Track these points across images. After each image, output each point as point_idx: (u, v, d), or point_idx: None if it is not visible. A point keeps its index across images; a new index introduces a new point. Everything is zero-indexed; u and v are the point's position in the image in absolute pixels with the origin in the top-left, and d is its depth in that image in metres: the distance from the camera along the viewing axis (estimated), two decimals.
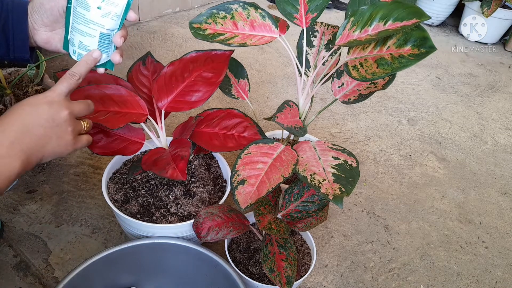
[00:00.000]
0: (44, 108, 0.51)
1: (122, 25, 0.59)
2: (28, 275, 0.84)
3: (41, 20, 0.58)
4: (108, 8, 0.56)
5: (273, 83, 1.60)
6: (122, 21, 0.58)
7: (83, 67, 0.57)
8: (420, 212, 1.13)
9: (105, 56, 0.61)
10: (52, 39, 0.60)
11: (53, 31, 0.60)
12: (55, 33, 0.60)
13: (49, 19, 0.58)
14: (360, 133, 1.41)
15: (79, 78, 0.56)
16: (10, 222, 0.93)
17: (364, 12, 0.64)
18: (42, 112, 0.51)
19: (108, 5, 0.55)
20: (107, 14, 0.56)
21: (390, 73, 0.59)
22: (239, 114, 0.82)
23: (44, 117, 0.51)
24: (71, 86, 0.55)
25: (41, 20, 0.57)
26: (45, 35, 0.59)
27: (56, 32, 0.60)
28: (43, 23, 0.58)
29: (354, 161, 0.68)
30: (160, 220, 0.79)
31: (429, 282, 0.95)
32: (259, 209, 0.71)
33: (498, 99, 1.74)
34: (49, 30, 0.59)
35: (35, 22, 0.58)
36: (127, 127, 0.80)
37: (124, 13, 0.57)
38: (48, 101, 0.52)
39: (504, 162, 1.37)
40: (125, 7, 0.57)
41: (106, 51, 0.60)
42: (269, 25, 0.73)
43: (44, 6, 0.56)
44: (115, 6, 0.56)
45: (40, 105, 0.51)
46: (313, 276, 0.92)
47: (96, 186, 1.05)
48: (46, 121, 0.51)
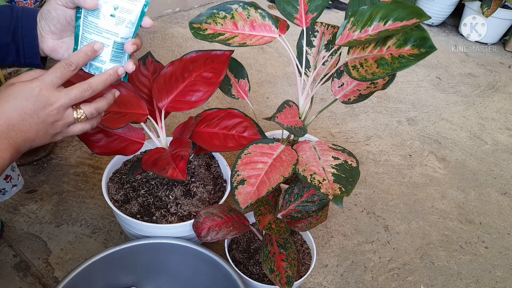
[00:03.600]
0: (29, 103, 0.49)
1: (137, 33, 0.56)
2: (28, 275, 0.84)
3: (48, 28, 0.56)
4: (122, 16, 0.53)
5: (273, 83, 1.60)
6: (136, 28, 0.55)
7: (82, 58, 0.53)
8: (420, 212, 1.13)
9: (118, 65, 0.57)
10: (59, 47, 0.58)
11: (61, 39, 0.58)
12: (62, 42, 0.58)
13: (56, 27, 0.56)
14: (360, 133, 1.41)
15: (75, 68, 0.52)
16: (10, 222, 0.93)
17: (364, 12, 0.64)
18: (26, 107, 0.49)
19: (122, 12, 0.53)
20: (121, 22, 0.53)
21: (390, 73, 0.59)
22: (239, 114, 0.82)
23: (28, 112, 0.49)
24: (64, 76, 0.51)
25: (48, 27, 0.56)
26: (52, 43, 0.58)
27: (64, 41, 0.58)
28: (50, 31, 0.56)
29: (354, 161, 0.68)
30: (160, 220, 0.79)
31: (429, 282, 0.95)
32: (259, 209, 0.71)
33: (498, 99, 1.74)
34: (57, 38, 0.58)
35: (43, 29, 0.56)
36: (127, 127, 0.81)
37: (139, 20, 0.55)
38: (34, 95, 0.49)
39: (504, 162, 1.37)
40: (140, 13, 0.54)
41: (119, 61, 0.57)
42: (269, 25, 0.73)
43: (51, 14, 0.55)
44: (130, 13, 0.53)
45: (26, 99, 0.49)
46: (313, 276, 0.92)
47: (96, 186, 1.05)
48: (31, 117, 0.49)
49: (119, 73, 0.56)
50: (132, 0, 0.53)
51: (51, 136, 0.53)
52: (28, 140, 0.51)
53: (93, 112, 0.55)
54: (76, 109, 0.53)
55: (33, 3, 1.34)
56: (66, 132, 0.55)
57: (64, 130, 0.54)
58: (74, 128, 0.55)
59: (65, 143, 1.16)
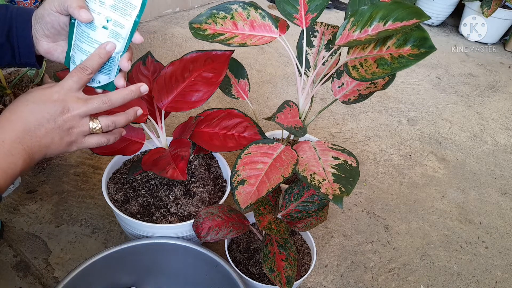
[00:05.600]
0: (47, 108, 0.49)
1: (128, 47, 0.56)
2: (28, 275, 0.84)
3: (43, 31, 0.56)
4: (114, 29, 0.53)
5: (273, 83, 1.60)
6: (127, 43, 0.55)
7: (96, 61, 0.53)
8: (420, 212, 1.13)
9: (107, 78, 0.58)
10: (54, 50, 0.58)
11: (55, 42, 0.58)
12: (56, 45, 0.58)
13: (50, 32, 0.56)
14: (360, 133, 1.41)
15: (91, 72, 0.53)
16: (10, 222, 0.93)
17: (364, 12, 0.64)
18: (44, 111, 0.49)
19: (114, 26, 0.53)
20: (113, 35, 0.54)
21: (389, 73, 0.59)
22: (239, 114, 0.82)
23: (46, 117, 0.49)
24: (82, 80, 0.52)
25: (42, 31, 0.56)
26: (47, 45, 0.58)
27: (58, 44, 0.58)
28: (45, 34, 0.56)
29: (354, 161, 0.68)
30: (160, 220, 0.79)
31: (429, 282, 0.95)
32: (259, 209, 0.71)
33: (498, 99, 1.74)
34: (51, 42, 0.58)
35: (37, 32, 0.56)
36: (127, 127, 0.80)
37: (130, 35, 0.55)
38: (53, 100, 0.50)
39: (504, 162, 1.37)
40: (131, 28, 0.54)
41: (108, 73, 0.57)
42: (269, 25, 0.73)
43: (45, 19, 0.55)
44: (122, 27, 0.54)
45: (44, 103, 0.49)
46: (313, 276, 0.92)
47: (96, 186, 1.05)
48: (48, 122, 0.50)
49: (142, 91, 0.56)
50: (124, 15, 0.53)
51: (66, 144, 0.53)
52: (43, 146, 0.50)
53: (110, 124, 0.55)
54: (93, 119, 0.54)
55: (33, 3, 1.34)
56: (82, 143, 0.54)
57: (79, 139, 0.54)
58: (90, 139, 0.55)
59: None
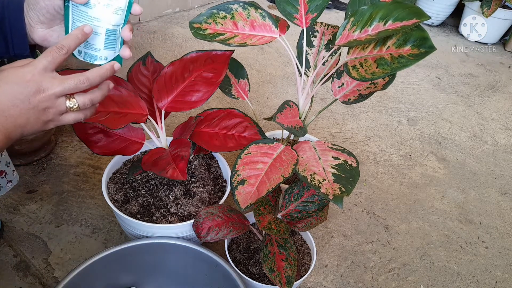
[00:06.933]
0: (20, 88, 0.48)
1: (127, 20, 0.58)
2: (28, 275, 0.84)
3: (37, 18, 0.56)
4: (111, 3, 0.54)
5: (273, 83, 1.60)
6: (127, 15, 0.57)
7: (73, 41, 0.52)
8: (420, 212, 1.13)
9: (112, 52, 0.59)
10: (50, 36, 0.58)
11: (51, 28, 0.58)
12: (52, 31, 0.58)
13: (45, 17, 0.56)
14: (360, 133, 1.41)
15: (66, 52, 0.51)
16: (10, 222, 0.93)
17: (364, 12, 0.64)
18: (17, 91, 0.48)
19: None
20: (111, 9, 0.55)
21: (389, 73, 0.59)
22: (239, 114, 0.82)
23: (19, 97, 0.48)
24: (56, 60, 0.50)
25: (37, 17, 0.56)
26: (42, 32, 0.57)
27: (54, 30, 0.58)
28: (40, 21, 0.56)
29: (354, 161, 0.68)
30: (160, 220, 0.79)
31: (429, 282, 0.95)
32: (259, 209, 0.71)
33: (498, 99, 1.74)
34: (46, 28, 0.58)
35: (31, 19, 0.56)
36: (127, 127, 0.81)
37: (128, 6, 0.56)
38: (26, 80, 0.48)
39: (504, 162, 1.37)
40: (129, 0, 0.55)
41: (113, 48, 0.59)
42: (269, 25, 0.73)
43: (39, 4, 0.55)
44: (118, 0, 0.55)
45: (16, 83, 0.48)
46: (313, 276, 0.92)
47: (96, 186, 1.05)
48: (22, 102, 0.48)
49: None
50: None
51: (42, 123, 0.52)
52: (18, 126, 0.49)
53: (87, 102, 0.54)
54: (69, 98, 0.52)
55: None
56: (59, 121, 0.53)
57: (56, 118, 0.53)
58: (67, 117, 0.54)
59: (65, 143, 1.16)
